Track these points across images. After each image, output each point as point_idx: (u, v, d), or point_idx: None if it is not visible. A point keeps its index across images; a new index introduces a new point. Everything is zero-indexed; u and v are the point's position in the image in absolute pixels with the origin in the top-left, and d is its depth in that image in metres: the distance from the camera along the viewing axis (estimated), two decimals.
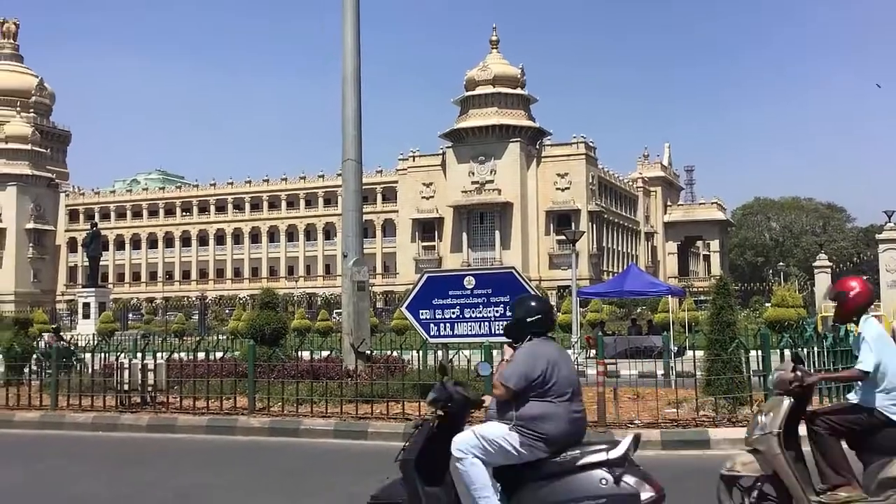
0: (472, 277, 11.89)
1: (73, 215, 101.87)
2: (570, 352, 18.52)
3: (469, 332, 11.79)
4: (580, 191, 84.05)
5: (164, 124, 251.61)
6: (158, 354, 13.94)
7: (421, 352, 13.78)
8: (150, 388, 12.73)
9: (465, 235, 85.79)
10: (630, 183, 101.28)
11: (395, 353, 14.15)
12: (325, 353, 14.32)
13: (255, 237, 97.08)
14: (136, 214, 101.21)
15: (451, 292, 11.87)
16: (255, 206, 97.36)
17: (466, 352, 11.93)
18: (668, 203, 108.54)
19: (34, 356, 15.60)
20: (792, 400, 5.42)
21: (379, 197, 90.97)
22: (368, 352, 13.54)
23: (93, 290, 39.47)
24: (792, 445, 5.40)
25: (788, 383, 5.40)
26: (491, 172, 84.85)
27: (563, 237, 73.20)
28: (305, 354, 14.15)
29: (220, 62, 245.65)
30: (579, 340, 21.49)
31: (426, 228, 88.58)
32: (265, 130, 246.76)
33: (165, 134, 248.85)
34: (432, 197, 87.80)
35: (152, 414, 12.33)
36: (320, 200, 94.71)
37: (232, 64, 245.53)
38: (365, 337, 13.72)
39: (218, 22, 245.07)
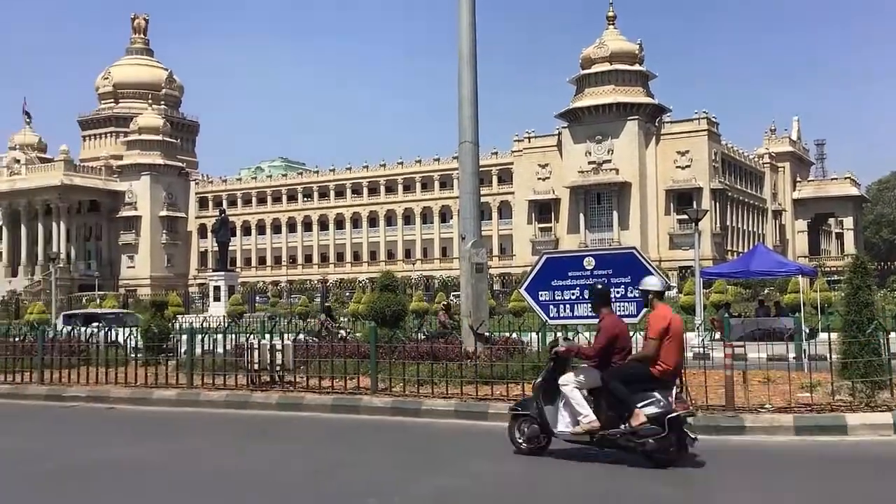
0: (591, 258, 11.67)
1: (202, 202, 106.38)
2: (692, 334, 18.06)
3: (589, 314, 11.55)
4: (702, 168, 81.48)
5: (286, 112, 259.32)
6: (285, 335, 14.40)
7: (540, 333, 13.71)
8: (278, 368, 13.17)
9: (582, 216, 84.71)
10: (756, 159, 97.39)
11: (513, 335, 14.11)
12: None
13: (372, 221, 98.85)
14: (261, 201, 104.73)
15: (570, 273, 11.69)
16: (373, 191, 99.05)
17: (587, 333, 11.78)
18: (798, 179, 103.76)
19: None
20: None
21: (495, 179, 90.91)
22: (487, 333, 13.56)
23: (222, 273, 41.01)
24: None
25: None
26: (608, 152, 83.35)
27: (684, 216, 71.25)
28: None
29: (337, 49, 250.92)
30: (704, 322, 20.86)
31: (542, 210, 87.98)
32: (382, 115, 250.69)
33: (287, 122, 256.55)
34: (548, 178, 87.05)
35: (281, 393, 12.74)
36: (436, 183, 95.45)
37: (350, 49, 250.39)
38: (483, 318, 13.74)
39: (335, 8, 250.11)
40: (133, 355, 14.99)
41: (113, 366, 14.60)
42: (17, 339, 16.94)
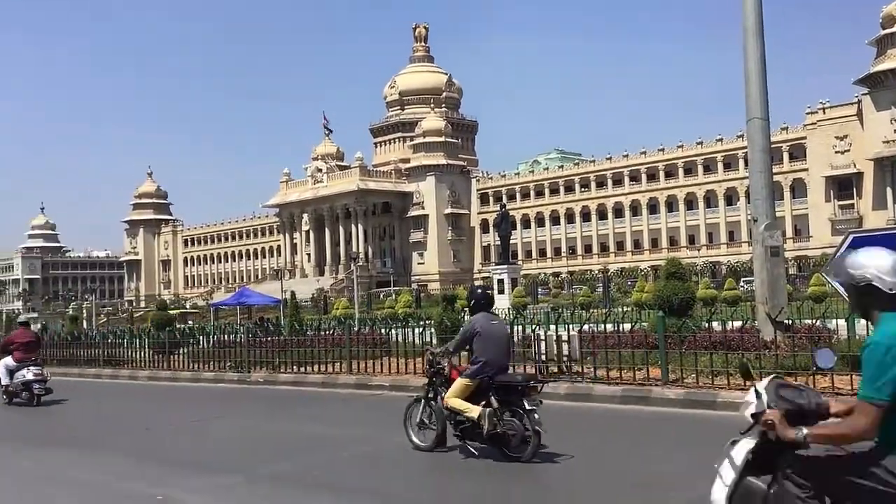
0: None
1: (483, 198, 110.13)
2: None
3: None
4: None
5: (560, 104, 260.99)
6: (570, 326, 14.42)
7: (848, 320, 12.51)
8: (565, 359, 13.21)
9: (889, 190, 76.60)
10: None
11: (816, 323, 13.04)
12: (737, 324, 13.64)
13: (653, 208, 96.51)
14: (539, 193, 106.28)
15: None
16: (652, 177, 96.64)
17: None
18: None
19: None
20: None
21: (785, 156, 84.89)
22: (786, 321, 12.62)
23: (505, 267, 42.16)
24: None
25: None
26: None
27: None
28: (715, 325, 13.63)
29: (607, 33, 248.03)
30: None
31: (842, 186, 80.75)
32: (657, 99, 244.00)
33: (561, 114, 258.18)
34: (847, 150, 79.69)
35: (569, 383, 12.76)
36: (719, 165, 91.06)
37: (620, 33, 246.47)
38: (782, 305, 12.81)
39: None
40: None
41: (411, 356, 15.49)
42: (327, 333, 18.55)
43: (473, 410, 8.05)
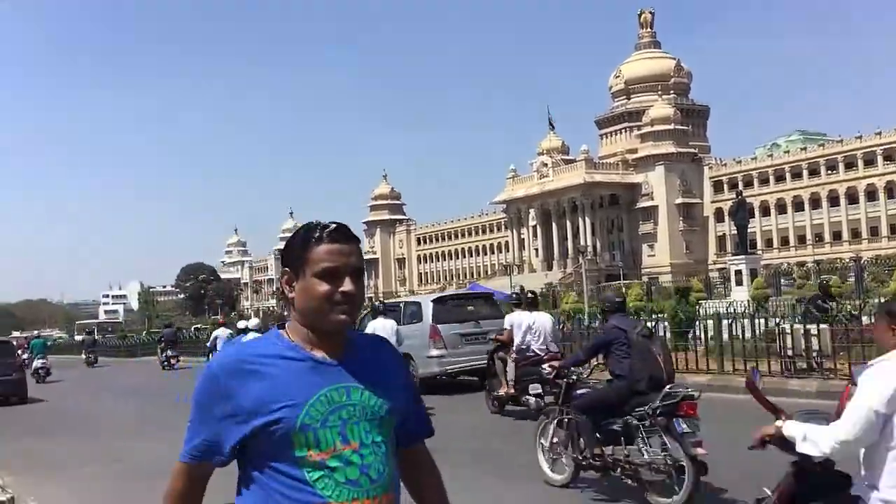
0: None
1: (717, 186, 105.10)
2: None
3: None
4: None
5: (800, 83, 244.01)
6: (819, 319, 13.29)
7: None
8: (815, 354, 12.19)
9: None
10: None
11: None
12: None
13: None
14: (779, 178, 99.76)
15: None
16: None
17: None
18: None
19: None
20: None
21: None
22: None
23: (743, 257, 39.94)
24: None
25: None
26: None
27: None
28: None
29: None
30: None
31: None
32: None
33: (802, 92, 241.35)
34: None
35: (820, 380, 11.77)
36: None
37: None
38: None
39: None
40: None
41: None
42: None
43: None
